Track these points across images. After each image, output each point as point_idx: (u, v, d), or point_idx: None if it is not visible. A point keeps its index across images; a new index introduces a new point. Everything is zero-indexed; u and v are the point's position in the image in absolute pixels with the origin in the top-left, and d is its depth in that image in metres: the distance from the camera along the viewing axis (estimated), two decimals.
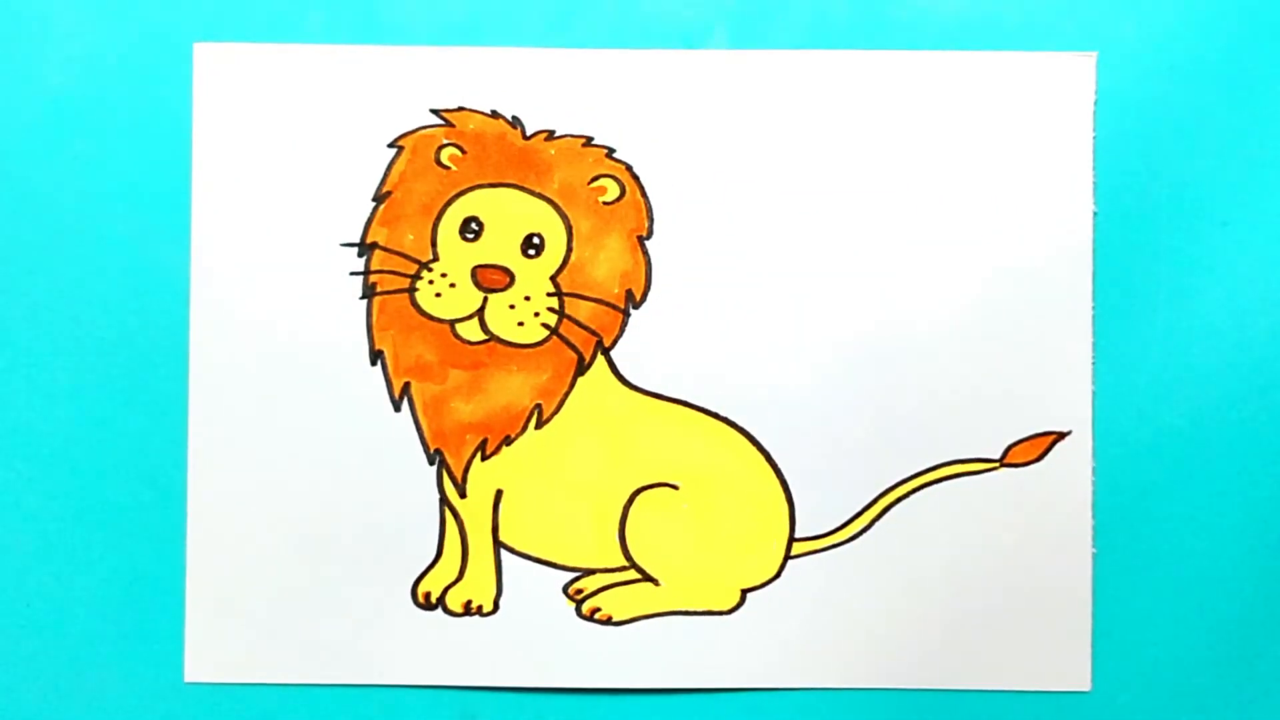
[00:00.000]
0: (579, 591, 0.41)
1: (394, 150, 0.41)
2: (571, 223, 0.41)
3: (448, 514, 0.41)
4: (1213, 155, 0.41)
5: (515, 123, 0.41)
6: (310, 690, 0.41)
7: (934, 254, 0.41)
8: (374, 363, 0.41)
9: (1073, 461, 0.41)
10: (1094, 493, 0.41)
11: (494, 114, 0.41)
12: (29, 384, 0.41)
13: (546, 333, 0.41)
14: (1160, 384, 0.41)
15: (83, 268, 0.41)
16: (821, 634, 0.41)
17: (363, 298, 0.41)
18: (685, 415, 0.41)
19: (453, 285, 0.41)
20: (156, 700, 0.41)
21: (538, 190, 0.41)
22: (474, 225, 0.41)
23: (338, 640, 0.41)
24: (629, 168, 0.41)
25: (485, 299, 0.41)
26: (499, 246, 0.41)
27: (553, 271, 0.41)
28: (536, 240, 0.41)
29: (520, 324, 0.41)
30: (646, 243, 0.41)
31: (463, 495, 0.41)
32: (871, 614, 0.41)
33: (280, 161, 0.41)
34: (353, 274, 0.41)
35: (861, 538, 0.41)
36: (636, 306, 0.41)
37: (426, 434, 0.41)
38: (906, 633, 0.41)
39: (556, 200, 0.41)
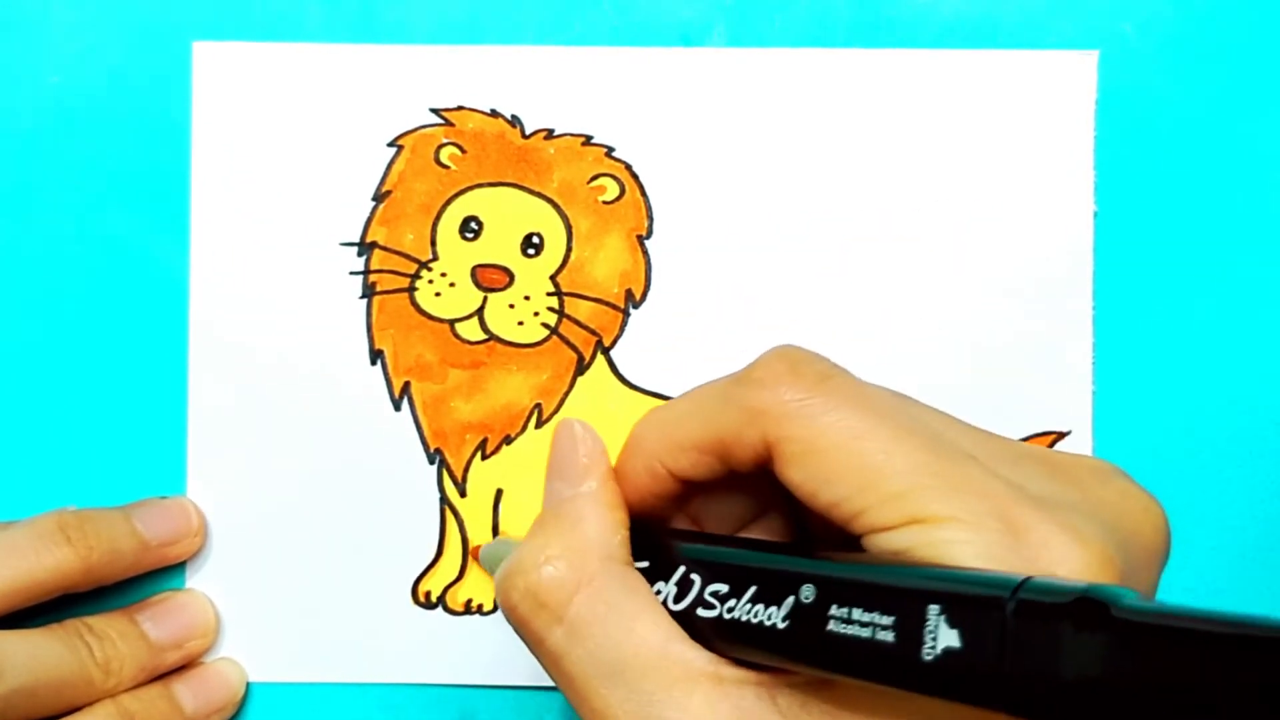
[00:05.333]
0: None
1: (393, 149, 0.41)
2: (571, 222, 0.41)
3: (448, 513, 0.41)
4: (1214, 155, 0.41)
5: (514, 122, 0.41)
6: (309, 688, 0.41)
7: (933, 253, 0.41)
8: (374, 362, 0.41)
9: None
10: None
11: (493, 113, 0.41)
12: (27, 383, 0.41)
13: (546, 332, 0.41)
14: (1160, 384, 0.41)
15: (81, 267, 0.41)
16: None
17: (362, 297, 0.41)
18: None
19: (452, 285, 0.41)
20: None
21: (537, 189, 0.41)
22: (473, 224, 0.41)
23: (337, 639, 0.41)
24: (628, 167, 0.41)
25: (485, 298, 0.41)
26: (498, 246, 0.41)
27: (552, 271, 0.41)
28: (536, 240, 0.41)
29: (520, 323, 0.41)
30: (646, 242, 0.41)
31: (463, 495, 0.41)
32: None
33: (280, 161, 0.41)
34: (352, 273, 0.41)
35: None
36: (636, 306, 0.41)
37: (426, 433, 0.41)
38: None
39: (556, 199, 0.41)
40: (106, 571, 0.38)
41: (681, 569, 0.30)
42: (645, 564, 0.31)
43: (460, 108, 0.41)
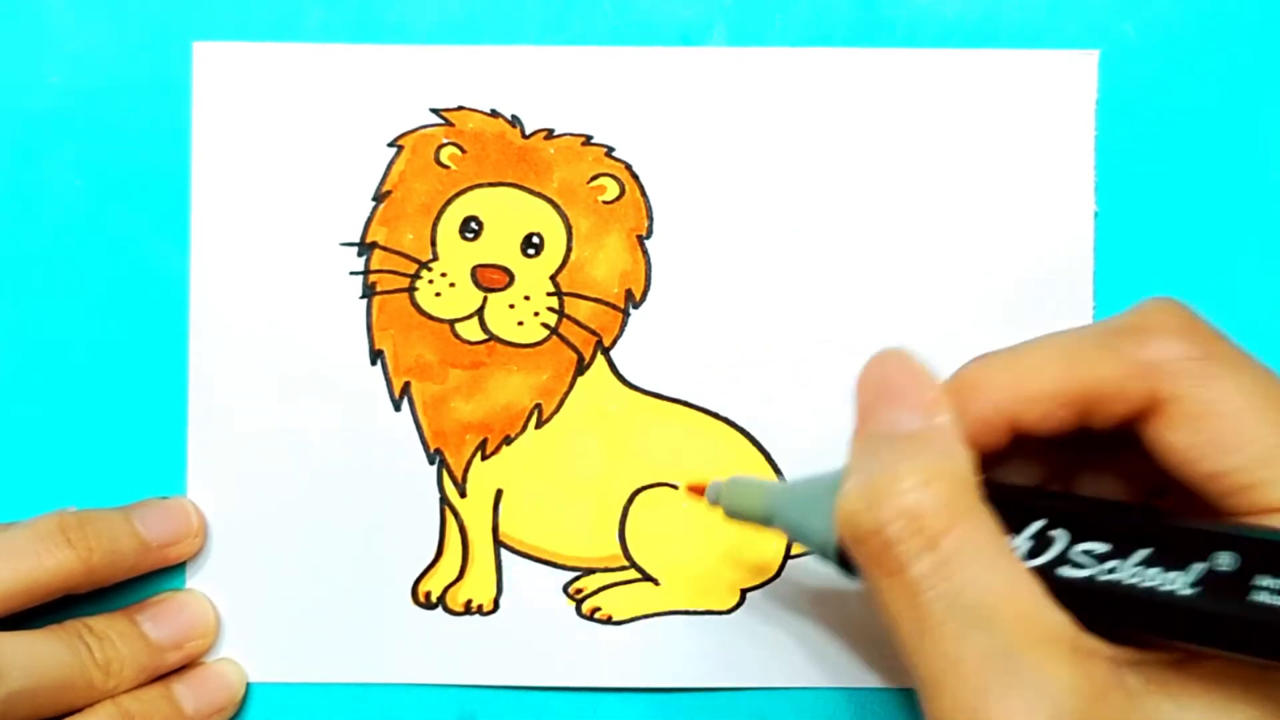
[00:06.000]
0: (579, 591, 0.41)
1: (394, 150, 0.41)
2: (571, 222, 0.41)
3: (448, 514, 0.41)
4: (1214, 155, 0.41)
5: (514, 121, 0.41)
6: (309, 688, 0.41)
7: (934, 252, 0.41)
8: (374, 362, 0.41)
9: None
10: None
11: (493, 113, 0.41)
12: (27, 384, 0.41)
13: (546, 332, 0.41)
14: None
15: (82, 267, 0.41)
16: (821, 634, 0.41)
17: (362, 297, 0.41)
18: (685, 415, 0.41)
19: (452, 285, 0.41)
20: None
21: (537, 189, 0.41)
22: (473, 225, 0.41)
23: (337, 639, 0.41)
24: (628, 166, 0.41)
25: (485, 299, 0.41)
26: (498, 246, 0.41)
27: (552, 271, 0.41)
28: (536, 240, 0.41)
29: (520, 323, 0.41)
30: (646, 242, 0.41)
31: (463, 495, 0.41)
32: (871, 613, 0.41)
33: (280, 161, 0.41)
34: (352, 273, 0.41)
35: None
36: (636, 306, 0.41)
37: (426, 434, 0.41)
38: None
39: (556, 199, 0.41)
40: (107, 572, 0.38)
41: (1040, 523, 0.28)
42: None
43: (460, 108, 0.41)
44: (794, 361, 0.41)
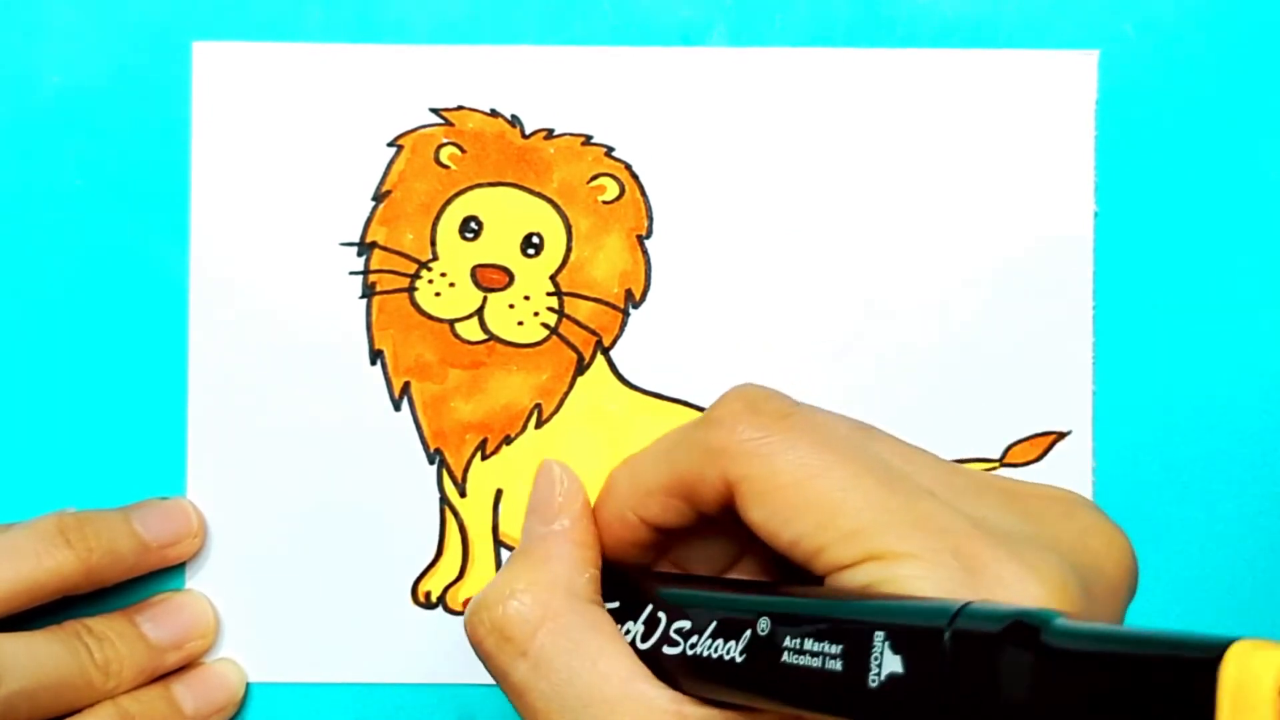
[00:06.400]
0: None
1: (393, 149, 0.41)
2: (571, 222, 0.41)
3: (448, 513, 0.41)
4: (1214, 155, 0.41)
5: (514, 121, 0.41)
6: (309, 688, 0.41)
7: (934, 253, 0.41)
8: (373, 362, 0.41)
9: (1073, 461, 0.41)
10: (1094, 493, 0.41)
11: (493, 113, 0.41)
12: (27, 383, 0.41)
13: (546, 332, 0.41)
14: (1160, 384, 0.41)
15: (81, 267, 0.41)
16: None
17: (362, 297, 0.41)
18: (685, 415, 0.41)
19: (452, 285, 0.41)
20: None
21: (537, 189, 0.41)
22: (473, 224, 0.41)
23: (337, 639, 0.41)
24: (628, 166, 0.41)
25: (485, 298, 0.41)
26: (498, 246, 0.41)
27: (552, 271, 0.41)
28: (536, 239, 0.41)
29: (520, 323, 0.41)
30: (646, 242, 0.41)
31: (463, 495, 0.41)
32: None
33: (279, 161, 0.41)
34: (352, 273, 0.41)
35: None
36: (636, 306, 0.41)
37: (426, 434, 0.41)
38: None
39: (556, 199, 0.41)
40: (107, 573, 0.38)
41: (649, 608, 0.31)
42: (616, 604, 0.32)
43: (460, 108, 0.41)
44: (794, 361, 0.41)
